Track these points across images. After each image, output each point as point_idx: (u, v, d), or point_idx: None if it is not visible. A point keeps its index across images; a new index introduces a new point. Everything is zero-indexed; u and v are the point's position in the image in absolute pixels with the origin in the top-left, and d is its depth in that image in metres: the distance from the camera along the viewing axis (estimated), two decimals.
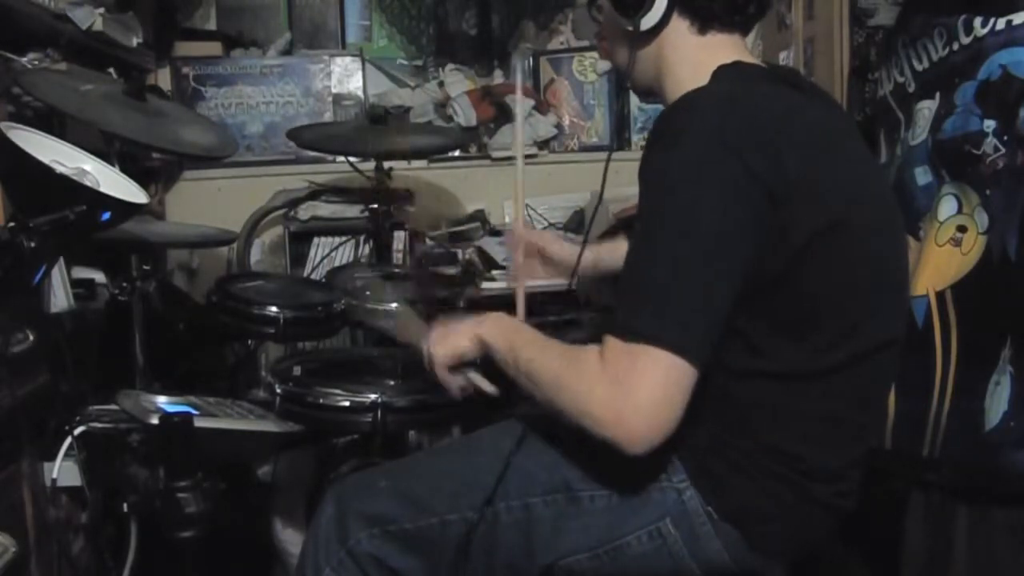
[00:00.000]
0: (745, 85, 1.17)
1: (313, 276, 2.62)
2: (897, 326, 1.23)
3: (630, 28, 1.24)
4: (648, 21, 1.22)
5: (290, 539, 2.04)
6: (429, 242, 2.81)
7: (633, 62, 1.28)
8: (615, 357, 1.05)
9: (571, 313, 2.07)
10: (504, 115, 3.04)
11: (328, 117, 2.94)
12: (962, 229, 1.59)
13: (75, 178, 1.29)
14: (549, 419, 1.22)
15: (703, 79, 1.18)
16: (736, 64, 1.21)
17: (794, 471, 1.16)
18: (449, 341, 1.31)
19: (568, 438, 1.23)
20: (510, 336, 1.24)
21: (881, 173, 1.27)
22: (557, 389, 1.12)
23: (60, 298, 1.80)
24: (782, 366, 1.13)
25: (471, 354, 1.30)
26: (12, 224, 1.21)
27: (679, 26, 1.24)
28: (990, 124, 1.56)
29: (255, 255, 2.86)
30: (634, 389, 1.03)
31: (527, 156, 3.01)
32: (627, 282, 1.10)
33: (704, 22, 1.24)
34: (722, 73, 1.19)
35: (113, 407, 1.64)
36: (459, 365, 1.33)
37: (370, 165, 2.39)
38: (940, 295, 1.61)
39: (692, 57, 1.23)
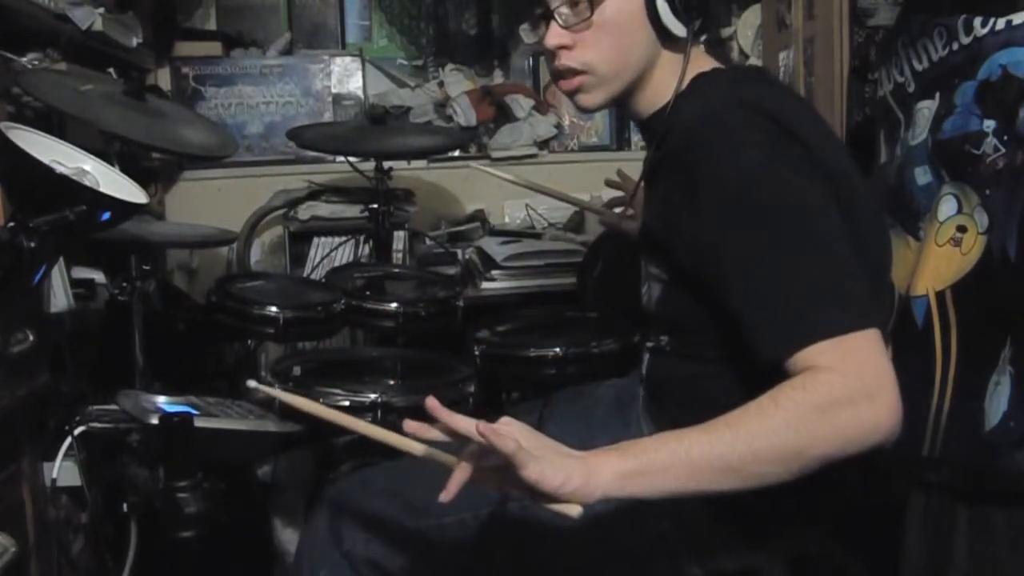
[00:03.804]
0: (746, 88, 1.19)
1: (313, 276, 2.62)
2: (885, 310, 1.22)
3: (681, 35, 1.20)
4: (697, 25, 1.21)
5: (290, 539, 2.04)
6: (429, 242, 2.81)
7: (657, 68, 1.24)
8: (832, 363, 0.98)
9: (573, 311, 2.07)
10: (504, 115, 3.04)
11: (328, 117, 2.94)
12: (962, 229, 1.59)
13: (75, 178, 1.29)
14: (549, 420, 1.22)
15: (679, 86, 1.20)
16: (715, 71, 1.22)
17: None
18: (589, 483, 0.96)
19: (565, 440, 1.24)
20: (662, 454, 0.98)
21: (856, 163, 1.27)
22: (814, 440, 0.97)
23: (60, 298, 1.80)
24: None
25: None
26: (12, 224, 1.21)
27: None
28: (990, 124, 1.55)
29: (255, 255, 2.87)
30: (880, 376, 0.99)
31: (527, 156, 3.02)
32: (776, 294, 1.03)
33: (706, 32, 1.25)
34: (706, 80, 1.20)
35: (113, 407, 1.64)
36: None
37: (370, 165, 2.39)
38: (940, 295, 1.61)
39: (681, 65, 1.22)
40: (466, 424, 0.96)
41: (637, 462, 0.97)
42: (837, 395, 0.96)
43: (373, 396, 1.65)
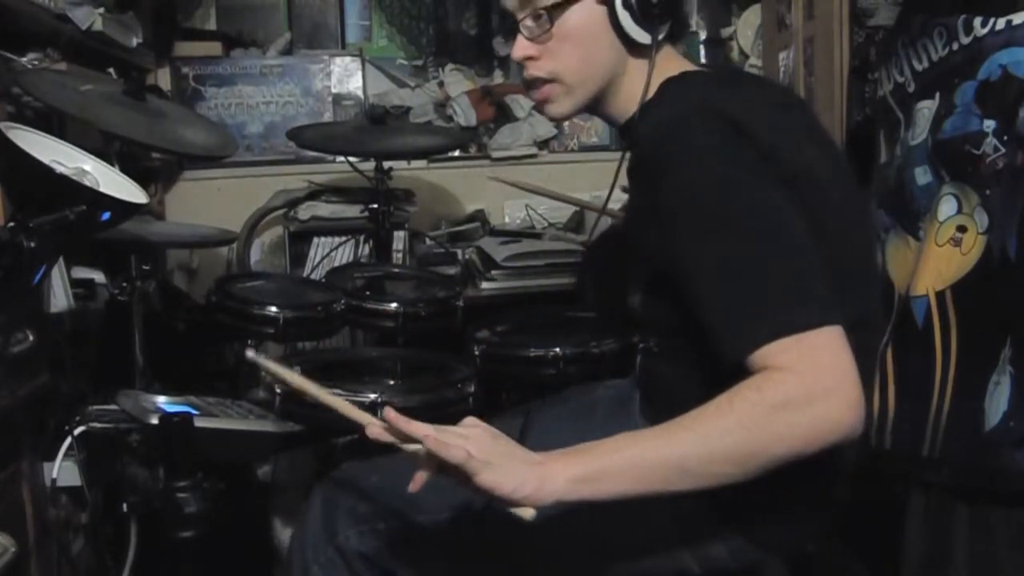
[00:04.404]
0: (709, 91, 1.19)
1: (313, 276, 2.61)
2: (868, 307, 1.22)
3: (646, 43, 1.20)
4: (663, 31, 1.22)
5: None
6: (429, 242, 2.81)
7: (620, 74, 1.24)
8: (790, 362, 0.98)
9: (573, 311, 2.07)
10: (504, 115, 3.04)
11: (328, 117, 2.94)
12: (962, 229, 1.59)
13: (75, 178, 1.29)
14: (541, 418, 1.22)
15: (649, 91, 1.21)
16: (684, 75, 1.22)
17: None
18: (542, 487, 0.98)
19: (562, 441, 1.24)
20: (617, 457, 1.00)
21: (840, 156, 1.27)
22: (769, 440, 0.98)
23: (60, 298, 1.80)
24: None
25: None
26: (12, 224, 1.21)
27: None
28: (990, 124, 1.56)
29: (255, 255, 2.86)
30: (839, 373, 0.98)
31: (527, 156, 3.02)
32: (735, 293, 1.04)
33: (677, 36, 1.26)
34: (673, 85, 1.20)
35: (113, 407, 1.64)
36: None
37: (370, 165, 2.39)
38: (940, 295, 1.61)
39: (644, 71, 1.22)
40: (420, 432, 0.99)
41: (591, 468, 0.99)
42: (793, 394, 0.97)
43: (373, 396, 1.64)
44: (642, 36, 1.20)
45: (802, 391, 0.97)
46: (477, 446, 0.98)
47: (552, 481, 0.98)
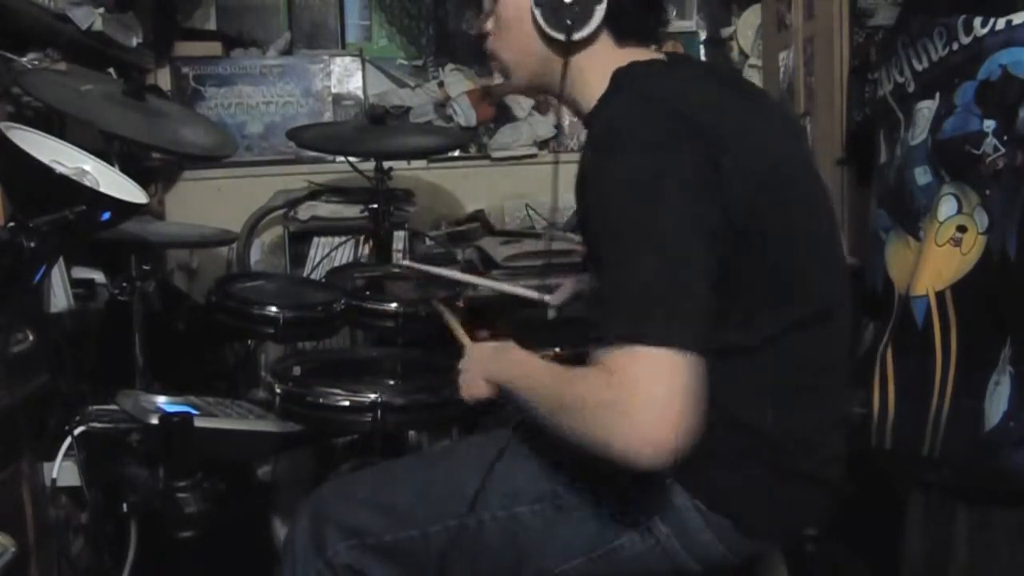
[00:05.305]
0: (655, 82, 1.19)
1: (313, 276, 2.61)
2: (832, 297, 1.22)
3: (560, 39, 1.22)
4: (580, 34, 1.22)
5: None
6: (429, 242, 2.81)
7: (556, 68, 1.26)
8: (612, 366, 1.01)
9: (572, 311, 2.06)
10: (504, 115, 3.04)
11: (328, 117, 2.94)
12: (962, 229, 1.59)
13: (75, 178, 1.29)
14: (534, 428, 1.22)
15: (593, 88, 1.21)
16: (632, 65, 1.22)
17: (766, 445, 1.16)
18: (471, 388, 1.32)
19: (553, 446, 1.23)
20: (512, 371, 1.24)
21: (806, 146, 1.28)
22: (571, 417, 1.07)
23: (60, 298, 1.80)
24: (721, 343, 1.09)
25: (491, 397, 1.31)
26: (12, 224, 1.21)
27: (604, 40, 1.24)
28: (990, 124, 1.56)
29: (255, 255, 2.87)
30: (652, 400, 0.98)
31: (527, 156, 3.02)
32: (607, 289, 1.07)
33: (624, 38, 1.25)
34: (624, 76, 1.20)
35: (113, 407, 1.64)
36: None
37: (370, 165, 2.39)
38: (940, 295, 1.61)
39: (603, 66, 1.22)
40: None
41: (505, 377, 1.25)
42: (598, 397, 1.01)
43: (373, 396, 1.64)
44: (557, 34, 1.22)
45: (606, 397, 1.00)
46: (466, 360, 1.36)
47: (479, 381, 1.29)
